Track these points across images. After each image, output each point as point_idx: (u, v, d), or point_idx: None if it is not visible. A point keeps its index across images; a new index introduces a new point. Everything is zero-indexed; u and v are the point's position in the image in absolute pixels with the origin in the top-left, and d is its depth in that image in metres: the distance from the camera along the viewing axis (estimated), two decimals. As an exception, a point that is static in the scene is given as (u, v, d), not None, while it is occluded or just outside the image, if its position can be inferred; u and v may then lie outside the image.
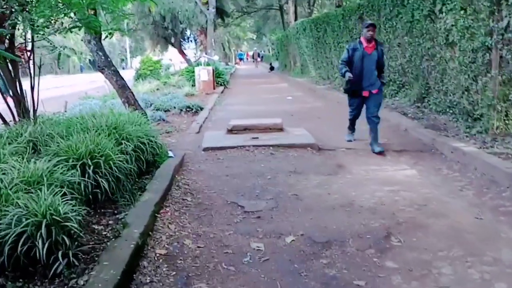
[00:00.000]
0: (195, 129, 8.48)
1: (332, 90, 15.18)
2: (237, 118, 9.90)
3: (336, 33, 15.36)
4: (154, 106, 11.42)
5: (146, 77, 20.17)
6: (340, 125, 8.47)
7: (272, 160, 6.03)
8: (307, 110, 11.16)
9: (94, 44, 8.49)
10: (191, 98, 14.28)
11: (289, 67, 31.54)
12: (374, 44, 6.58)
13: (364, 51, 6.54)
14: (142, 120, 6.46)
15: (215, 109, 12.07)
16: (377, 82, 6.65)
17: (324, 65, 18.42)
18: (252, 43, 75.18)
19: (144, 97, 12.38)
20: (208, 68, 16.19)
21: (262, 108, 12.00)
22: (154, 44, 27.32)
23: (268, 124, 7.26)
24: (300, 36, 22.91)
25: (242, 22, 44.92)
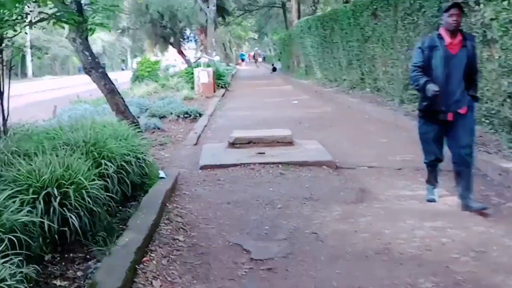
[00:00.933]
0: (192, 140, 7.53)
1: (340, 93, 14.23)
2: (239, 125, 9.00)
3: (345, 31, 14.40)
4: (149, 112, 10.48)
5: (143, 79, 19.25)
6: (356, 135, 7.54)
7: (282, 182, 5.08)
8: (316, 117, 10.21)
9: (80, 43, 7.54)
10: (190, 103, 13.35)
11: (292, 68, 30.58)
12: (460, 38, 4.22)
13: (446, 51, 4.18)
14: (130, 132, 5.52)
15: (215, 115, 11.12)
16: (465, 97, 4.25)
17: (331, 66, 17.45)
18: (253, 43, 74.24)
19: (139, 101, 11.46)
20: (208, 69, 15.24)
21: (266, 114, 11.05)
22: (152, 44, 26.35)
23: (276, 136, 6.30)
24: (305, 35, 21.94)
25: (244, 21, 43.95)
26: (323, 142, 6.76)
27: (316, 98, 14.81)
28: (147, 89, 16.09)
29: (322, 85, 18.11)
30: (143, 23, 23.16)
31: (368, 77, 12.99)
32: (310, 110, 11.62)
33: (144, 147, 5.46)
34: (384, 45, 11.05)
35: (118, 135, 5.22)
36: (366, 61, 12.92)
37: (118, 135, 5.22)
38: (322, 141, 6.89)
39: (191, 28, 26.02)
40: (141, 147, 5.32)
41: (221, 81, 18.89)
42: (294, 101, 13.86)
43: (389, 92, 11.17)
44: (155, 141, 7.50)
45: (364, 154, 6.25)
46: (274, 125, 9.01)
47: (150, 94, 15.63)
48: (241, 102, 14.57)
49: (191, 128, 8.98)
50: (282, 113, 11.10)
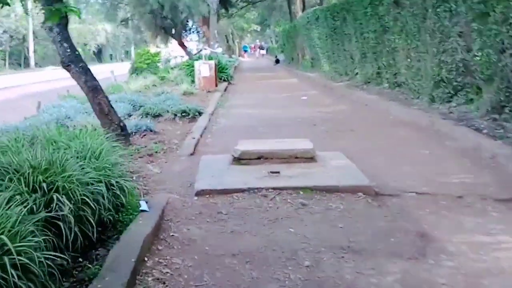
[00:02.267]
0: (188, 148, 6.18)
1: (353, 89, 12.86)
2: (244, 127, 7.72)
3: (359, 22, 13.01)
4: (143, 109, 9.16)
5: (142, 71, 17.93)
6: (387, 144, 6.20)
7: (306, 218, 3.76)
8: (331, 117, 8.86)
9: (57, 32, 6.22)
10: (189, 98, 12.02)
11: (296, 60, 29.19)
12: None
13: None
14: (106, 146, 4.22)
15: (216, 114, 9.76)
16: None
17: (342, 59, 16.06)
18: (255, 35, 72.87)
19: (133, 97, 10.15)
20: (209, 62, 13.88)
21: (274, 113, 9.71)
22: (153, 35, 24.95)
23: (294, 150, 4.91)
24: (312, 26, 20.53)
25: (247, 13, 42.44)
26: (349, 154, 5.43)
27: (326, 93, 13.45)
28: (144, 83, 14.76)
29: (331, 79, 16.74)
30: (142, 14, 21.73)
31: (386, 71, 11.62)
32: (322, 108, 10.26)
33: (123, 167, 4.16)
34: (408, 37, 9.67)
35: (88, 153, 3.94)
36: (384, 54, 11.54)
37: (88, 153, 3.94)
38: (346, 152, 5.56)
39: (193, 20, 24.60)
40: (118, 168, 4.03)
41: (223, 74, 17.53)
42: (303, 97, 12.51)
43: (414, 89, 9.81)
44: (144, 148, 6.18)
45: (405, 173, 4.90)
46: (284, 128, 7.74)
47: (148, 88, 14.32)
48: (245, 97, 13.22)
49: (188, 131, 7.65)
50: (291, 112, 9.77)
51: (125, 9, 23.12)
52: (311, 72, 21.06)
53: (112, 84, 14.28)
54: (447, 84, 8.01)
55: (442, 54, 8.02)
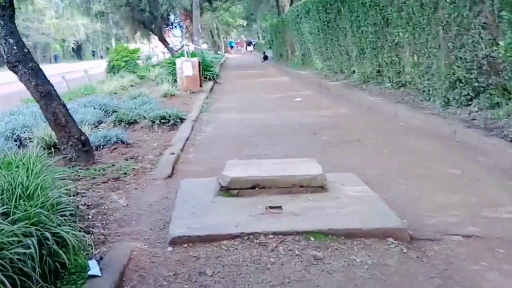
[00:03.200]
0: (166, 168, 5.03)
1: (351, 88, 11.82)
2: (234, 138, 6.64)
3: (356, 15, 11.96)
4: (116, 116, 8.02)
5: (119, 70, 16.70)
6: (406, 160, 5.14)
7: (323, 283, 2.68)
8: (332, 123, 7.78)
9: (1, 25, 5.07)
10: (170, 101, 10.89)
11: (285, 56, 28.13)
12: None
13: None
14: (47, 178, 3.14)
15: (201, 120, 8.62)
16: None
17: (336, 55, 15.03)
18: (241, 30, 71.75)
19: (105, 101, 8.97)
20: (192, 60, 12.69)
21: (266, 118, 8.62)
22: (132, 30, 23.59)
23: (298, 177, 3.75)
24: (302, 20, 19.48)
25: (232, 6, 41.17)
26: (363, 175, 4.38)
27: (322, 94, 12.38)
28: (121, 83, 13.56)
29: (325, 77, 15.73)
30: (118, 7, 20.29)
31: (389, 69, 10.60)
32: (320, 111, 9.19)
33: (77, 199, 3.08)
34: (415, 30, 8.64)
35: (17, 191, 2.85)
36: (386, 50, 10.53)
37: (17, 191, 2.85)
38: (359, 172, 4.51)
39: (175, 13, 23.31)
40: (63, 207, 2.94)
41: (209, 72, 16.38)
42: (297, 99, 11.42)
43: (422, 89, 8.80)
44: (111, 168, 5.04)
45: (441, 203, 3.83)
46: (280, 137, 6.66)
47: (126, 89, 13.15)
48: (233, 99, 12.09)
49: (168, 142, 6.54)
50: (286, 117, 8.69)
51: (100, 1, 21.66)
52: (302, 69, 20.03)
53: (86, 85, 13.05)
54: (465, 84, 6.99)
55: (460, 49, 6.99)
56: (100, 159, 5.48)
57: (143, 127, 7.74)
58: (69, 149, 4.99)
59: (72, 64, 41.58)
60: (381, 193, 3.92)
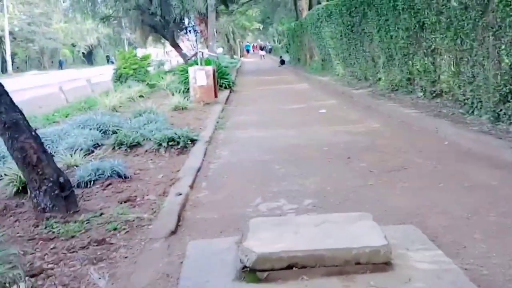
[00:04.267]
0: (168, 219, 3.88)
1: (379, 98, 10.75)
2: (254, 166, 5.63)
3: (384, 18, 10.88)
4: (115, 138, 7.04)
5: (127, 78, 15.80)
6: (468, 198, 4.05)
7: None
8: (366, 143, 6.72)
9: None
10: (182, 115, 9.93)
11: (303, 61, 27.11)
12: None
13: None
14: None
15: (216, 141, 7.60)
16: None
17: (360, 61, 13.95)
18: (257, 34, 70.91)
19: (104, 119, 7.99)
20: (206, 68, 11.70)
21: (290, 136, 7.60)
22: (143, 35, 22.67)
23: (354, 251, 2.59)
24: (322, 24, 18.45)
25: (249, 10, 40.21)
26: (425, 227, 3.34)
27: (347, 104, 11.32)
28: (127, 94, 12.62)
29: (348, 84, 14.66)
30: (126, 10, 19.30)
31: (421, 77, 9.51)
32: (349, 127, 8.14)
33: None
34: (457, 35, 7.55)
35: None
36: (420, 56, 9.44)
37: None
38: (418, 220, 3.51)
39: (189, 17, 22.34)
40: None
41: (224, 80, 15.39)
42: (321, 110, 10.38)
43: (464, 101, 7.70)
44: (98, 219, 3.98)
45: None
46: (308, 164, 5.66)
47: (133, 100, 12.21)
48: (251, 111, 11.08)
49: (175, 173, 5.54)
50: (311, 134, 7.66)
51: (107, 4, 20.67)
52: (322, 75, 18.98)
53: (88, 97, 12.12)
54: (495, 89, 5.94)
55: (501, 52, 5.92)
56: (87, 203, 4.47)
57: (147, 151, 6.76)
58: (42, 196, 3.97)
59: (80, 70, 40.84)
60: (457, 260, 2.88)
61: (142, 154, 6.71)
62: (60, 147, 6.55)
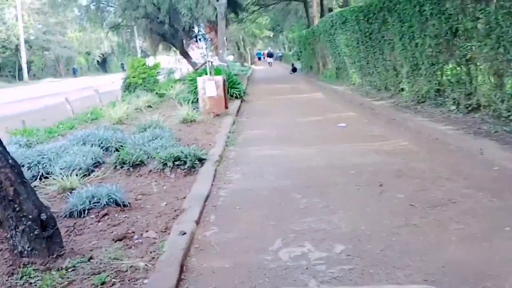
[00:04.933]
0: (168, 272, 3.08)
1: (404, 111, 9.92)
2: (270, 194, 4.83)
3: (408, 25, 10.07)
4: (117, 156, 6.29)
5: (136, 87, 15.11)
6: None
7: None
8: (398, 165, 5.88)
9: None
10: (190, 127, 9.18)
11: (316, 69, 26.33)
12: None
13: None
14: None
15: (226, 160, 6.79)
16: None
17: (380, 70, 13.13)
18: (267, 41, 70.39)
19: (106, 134, 7.25)
20: (216, 78, 10.93)
21: (309, 156, 6.79)
22: (153, 43, 22.01)
23: None
24: (336, 31, 17.68)
25: (259, 17, 39.55)
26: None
27: (368, 116, 10.50)
28: (135, 104, 11.93)
29: (366, 94, 13.83)
30: (134, 19, 18.63)
31: (454, 89, 8.66)
32: (375, 144, 7.31)
33: None
34: (499, 43, 6.73)
35: None
36: (451, 66, 8.61)
37: None
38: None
39: (198, 25, 21.66)
40: None
41: (235, 90, 14.65)
42: (341, 124, 9.56)
43: (509, 117, 6.86)
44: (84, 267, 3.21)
45: None
46: (333, 191, 4.90)
47: (140, 111, 11.50)
48: (264, 124, 10.30)
49: (180, 200, 4.78)
50: (333, 153, 6.85)
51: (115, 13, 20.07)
52: (337, 84, 18.19)
53: (95, 108, 11.42)
54: None
55: None
56: (77, 238, 3.73)
57: (151, 171, 6.01)
58: (20, 237, 3.22)
59: (94, 78, 40.55)
60: None
61: (145, 175, 5.98)
62: (57, 166, 5.82)
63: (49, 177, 5.68)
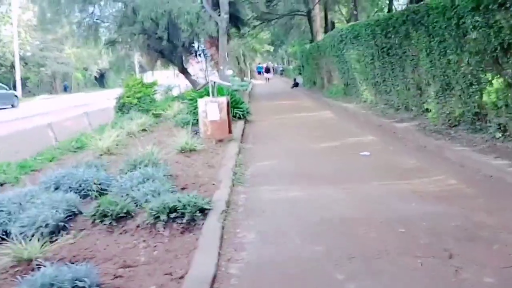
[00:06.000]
0: None
1: (436, 136, 8.65)
2: (300, 278, 3.43)
3: (438, 39, 8.82)
4: (97, 207, 4.93)
5: (131, 108, 13.81)
6: None
7: None
8: (461, 219, 4.53)
9: None
10: (189, 160, 7.84)
11: (320, 84, 25.14)
12: None
13: None
14: None
15: (235, 210, 5.34)
16: None
17: (399, 88, 11.84)
18: (266, 56, 69.46)
19: (86, 175, 5.89)
20: (219, 100, 9.55)
21: (337, 201, 5.46)
22: (151, 60, 20.72)
23: None
24: (346, 46, 16.46)
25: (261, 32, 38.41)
26: None
27: (392, 142, 9.20)
28: (128, 128, 10.59)
29: (382, 114, 12.54)
30: (130, 34, 17.32)
31: (500, 113, 7.35)
32: (414, 182, 6.00)
33: None
34: None
35: None
36: (497, 86, 7.30)
37: None
38: None
39: (199, 41, 20.41)
40: None
41: (238, 110, 13.35)
42: (364, 153, 8.24)
43: None
44: None
45: None
46: (387, 263, 3.58)
47: (134, 136, 10.18)
48: (274, 152, 8.97)
49: (175, 286, 3.44)
50: (368, 197, 5.53)
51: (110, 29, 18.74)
52: (345, 101, 16.94)
53: (82, 133, 10.03)
54: None
55: None
56: None
57: (139, 226, 4.67)
58: None
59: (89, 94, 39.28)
60: None
61: (132, 231, 4.65)
62: (16, 224, 4.48)
63: (7, 239, 4.31)
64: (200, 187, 6.05)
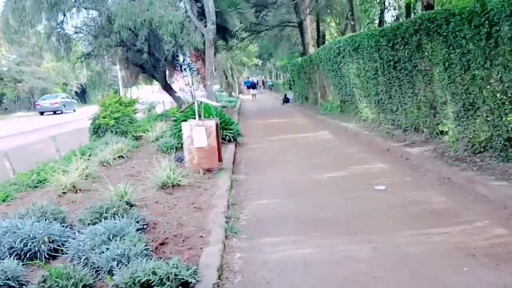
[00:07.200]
0: None
1: (459, 165, 7.38)
2: None
3: (460, 51, 7.64)
4: (42, 281, 3.57)
5: (107, 130, 12.44)
6: None
7: None
8: None
9: None
10: (171, 199, 6.52)
11: (313, 100, 24.00)
12: None
13: None
14: None
15: (228, 275, 4.06)
16: None
17: (408, 107, 10.63)
18: (253, 69, 68.56)
19: (35, 230, 4.51)
20: (207, 123, 8.19)
21: (363, 263, 4.20)
22: (131, 74, 19.33)
23: None
24: (344, 59, 15.31)
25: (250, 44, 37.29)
26: None
27: (407, 172, 7.94)
28: (101, 156, 9.21)
29: (388, 135, 11.32)
30: (106, 47, 15.88)
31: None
32: (452, 230, 4.78)
33: None
34: None
35: None
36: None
37: None
38: None
39: (183, 54, 19.07)
40: None
41: (228, 131, 12.05)
42: (379, 187, 6.97)
43: None
44: None
45: None
46: None
47: (108, 165, 8.87)
48: (273, 187, 7.64)
49: None
50: (401, 257, 4.27)
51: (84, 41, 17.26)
52: (343, 119, 15.75)
53: (45, 164, 8.60)
54: None
55: None
56: None
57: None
58: None
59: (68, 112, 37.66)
60: None
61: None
62: None
63: None
64: (183, 242, 4.72)
